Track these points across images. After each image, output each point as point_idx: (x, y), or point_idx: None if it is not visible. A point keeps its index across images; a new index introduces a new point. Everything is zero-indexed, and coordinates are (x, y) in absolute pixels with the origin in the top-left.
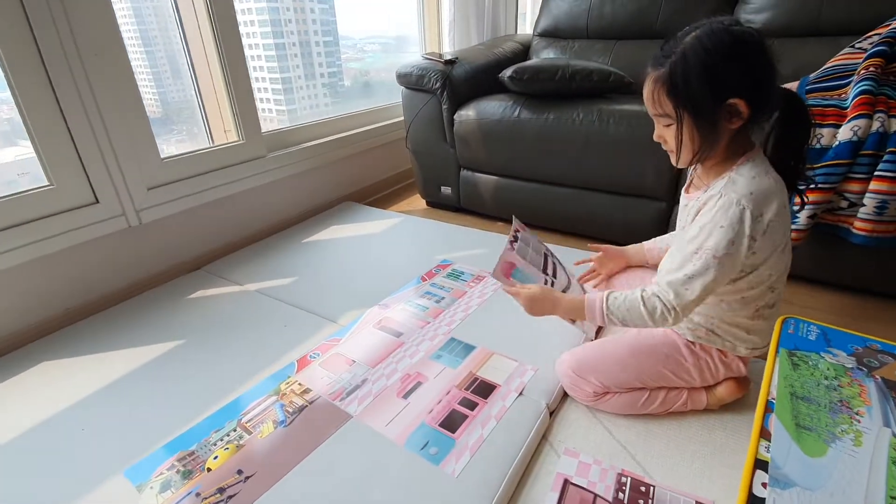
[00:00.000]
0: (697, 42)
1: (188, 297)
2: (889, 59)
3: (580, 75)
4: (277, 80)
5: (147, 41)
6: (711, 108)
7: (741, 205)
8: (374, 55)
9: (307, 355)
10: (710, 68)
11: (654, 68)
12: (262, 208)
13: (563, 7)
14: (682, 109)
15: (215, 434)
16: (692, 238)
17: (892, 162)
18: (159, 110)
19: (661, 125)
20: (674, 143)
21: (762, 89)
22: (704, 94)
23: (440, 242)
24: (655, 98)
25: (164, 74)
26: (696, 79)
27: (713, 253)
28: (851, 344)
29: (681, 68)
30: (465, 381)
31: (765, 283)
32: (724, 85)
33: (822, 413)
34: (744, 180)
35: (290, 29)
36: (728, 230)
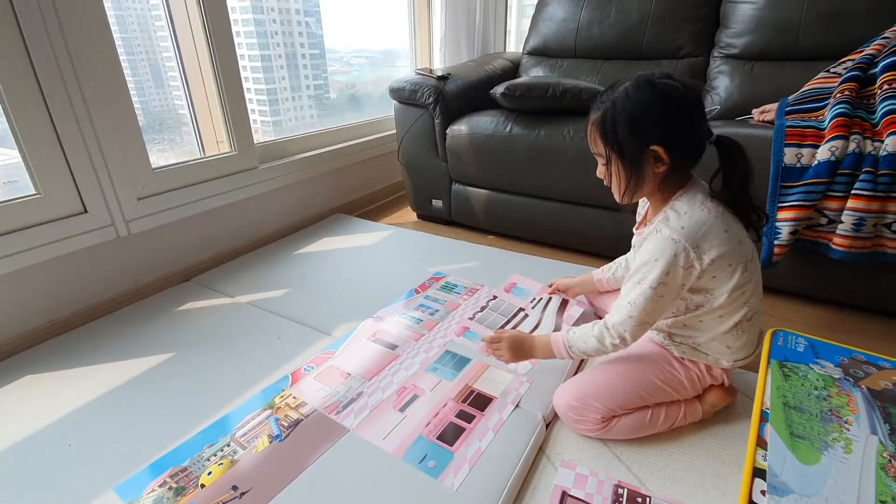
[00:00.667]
0: (625, 93)
1: (178, 309)
2: (862, 84)
3: (570, 93)
4: (263, 92)
5: (131, 50)
6: (635, 153)
7: (674, 240)
8: (361, 69)
9: (301, 368)
10: (632, 118)
11: (593, 112)
12: (254, 219)
13: (552, 27)
14: (611, 151)
15: (209, 449)
16: (636, 270)
17: (867, 181)
18: (146, 121)
19: (599, 163)
20: (608, 180)
21: (682, 138)
22: (628, 140)
23: (433, 255)
24: (592, 138)
25: (146, 84)
26: (620, 125)
27: (650, 284)
28: (838, 355)
29: (610, 115)
30: (461, 394)
31: (737, 300)
32: (644, 133)
33: (814, 422)
34: (676, 216)
35: (277, 41)
36: (662, 264)
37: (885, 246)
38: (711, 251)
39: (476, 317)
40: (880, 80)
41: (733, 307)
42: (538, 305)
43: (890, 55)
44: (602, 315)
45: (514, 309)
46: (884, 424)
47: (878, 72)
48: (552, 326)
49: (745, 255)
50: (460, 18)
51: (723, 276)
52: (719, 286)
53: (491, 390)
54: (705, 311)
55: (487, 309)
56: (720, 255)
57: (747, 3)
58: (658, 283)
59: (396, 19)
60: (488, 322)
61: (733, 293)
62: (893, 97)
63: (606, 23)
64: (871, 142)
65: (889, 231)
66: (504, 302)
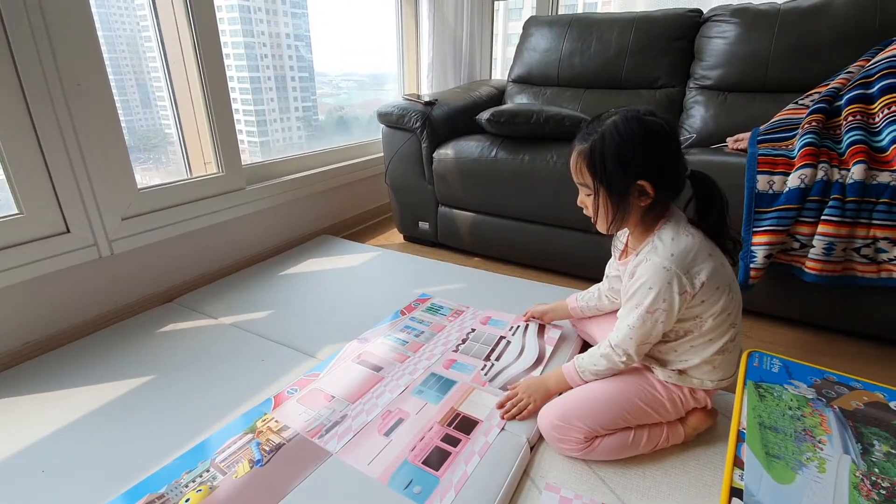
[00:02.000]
0: (614, 127)
1: (159, 331)
2: (828, 116)
3: (553, 120)
4: (251, 113)
5: (119, 70)
6: (622, 187)
7: (666, 268)
8: (350, 91)
9: (284, 391)
10: (621, 153)
11: (579, 142)
12: (239, 240)
13: (535, 56)
14: (599, 184)
15: (187, 475)
16: (632, 295)
17: (835, 207)
18: (133, 141)
19: (583, 193)
20: (592, 211)
21: (666, 174)
22: (617, 174)
23: (418, 276)
24: (578, 169)
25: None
26: (610, 160)
27: (647, 309)
28: (811, 376)
29: (599, 147)
30: (447, 417)
31: (725, 322)
32: (633, 168)
33: (788, 442)
34: (663, 244)
35: (266, 63)
36: (657, 291)
37: (854, 269)
38: (701, 275)
39: (460, 348)
40: (845, 112)
41: (721, 330)
42: (518, 332)
43: (853, 89)
44: (585, 338)
45: (495, 338)
46: (856, 444)
47: (842, 104)
48: (536, 349)
49: (729, 278)
50: (447, 46)
51: (711, 299)
52: (707, 310)
53: (476, 413)
54: (695, 336)
55: (469, 340)
56: (709, 278)
57: (719, 38)
58: (654, 308)
59: (385, 44)
60: (474, 352)
61: (720, 315)
62: (858, 128)
63: (587, 54)
64: (839, 170)
65: (858, 255)
66: (484, 332)
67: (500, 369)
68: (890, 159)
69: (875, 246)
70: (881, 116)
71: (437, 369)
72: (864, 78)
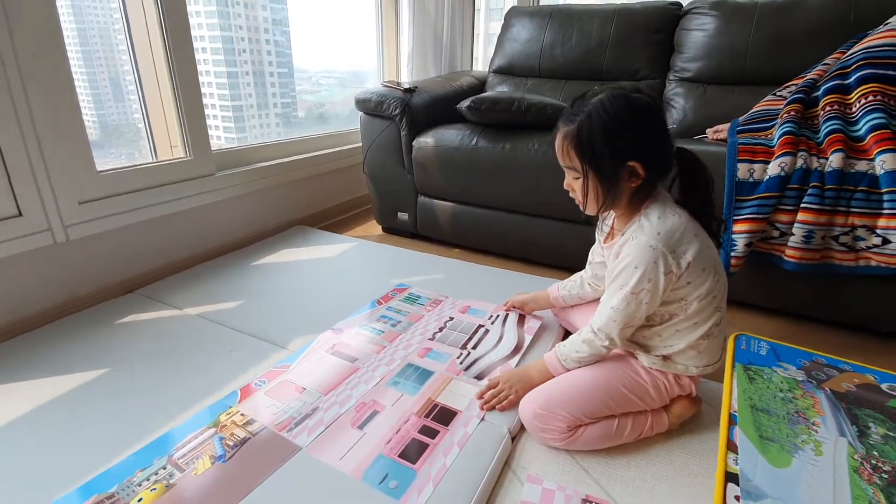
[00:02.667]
0: (601, 105)
1: (119, 322)
2: (806, 106)
3: (535, 108)
4: (228, 108)
5: (83, 42)
6: (612, 168)
7: (652, 246)
8: (330, 88)
9: (252, 383)
10: (610, 132)
11: (564, 124)
12: (208, 229)
13: (516, 47)
14: (588, 166)
15: (141, 473)
16: (616, 276)
17: (814, 195)
18: (97, 130)
19: (570, 176)
20: (580, 194)
21: (656, 153)
22: (606, 155)
23: (396, 267)
24: (565, 151)
25: (102, 84)
26: (598, 140)
27: (631, 290)
28: (799, 358)
29: (586, 128)
30: (424, 408)
31: (710, 305)
32: (622, 148)
33: (781, 424)
34: (650, 223)
35: (245, 58)
36: (643, 271)
37: (833, 258)
38: (687, 254)
39: (437, 336)
40: (823, 102)
41: (706, 314)
42: (497, 321)
43: (831, 79)
44: (567, 327)
45: (473, 326)
46: (851, 426)
47: (820, 95)
48: (515, 339)
49: (715, 260)
50: (428, 36)
51: (697, 280)
52: (692, 292)
53: (455, 403)
54: (680, 320)
55: (447, 329)
56: (695, 258)
57: (699, 30)
58: (639, 288)
59: (365, 40)
60: (451, 340)
61: (706, 298)
62: (835, 118)
63: (568, 45)
64: (817, 158)
65: (836, 243)
66: (462, 321)
67: (476, 358)
68: (867, 148)
69: (853, 234)
70: (858, 106)
71: (412, 359)
72: (842, 69)
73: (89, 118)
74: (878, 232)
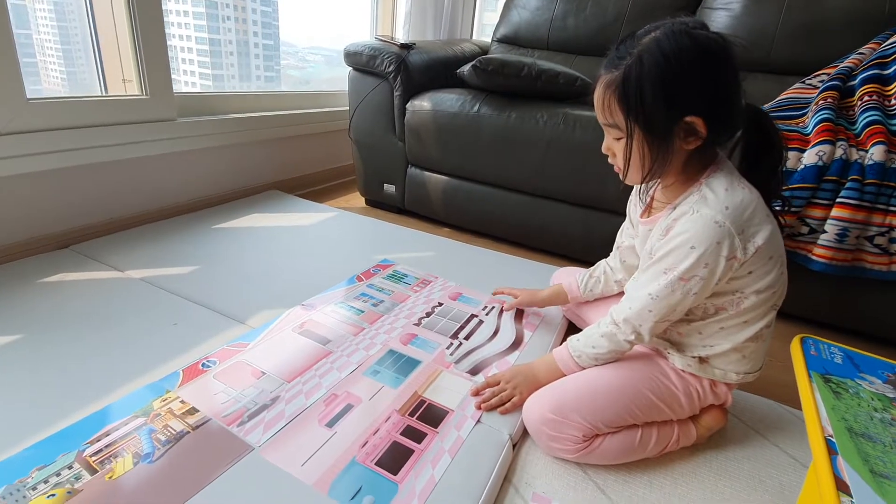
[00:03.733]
0: (656, 45)
1: (42, 280)
2: (842, 94)
3: (547, 75)
4: (208, 77)
5: None
6: (665, 125)
7: (718, 223)
8: (317, 66)
9: (198, 363)
10: (666, 79)
11: (607, 71)
12: (165, 183)
13: (524, 15)
14: (634, 122)
15: (37, 473)
16: (662, 256)
17: (854, 189)
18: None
19: (610, 136)
20: (622, 158)
21: (723, 107)
22: (658, 109)
23: (381, 241)
24: (605, 105)
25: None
26: (649, 89)
27: (680, 275)
28: (881, 370)
29: (635, 74)
30: (408, 405)
31: (768, 301)
32: (680, 100)
33: (891, 455)
34: (715, 196)
35: (228, 26)
36: (700, 252)
37: (864, 260)
38: (756, 238)
39: (423, 322)
40: (860, 92)
41: (761, 311)
42: (492, 312)
43: (869, 68)
44: (576, 322)
45: (465, 315)
46: None
47: (857, 84)
48: (513, 333)
49: (782, 248)
50: (427, 3)
51: (760, 271)
52: (752, 284)
53: (446, 401)
54: (729, 316)
55: (435, 315)
56: (764, 243)
57: (724, 9)
58: (691, 274)
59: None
60: (439, 328)
61: (765, 293)
62: (874, 108)
63: (582, 16)
64: (857, 150)
65: (870, 244)
66: (453, 308)
67: (469, 350)
68: None
69: (889, 235)
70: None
71: (394, 345)
72: (881, 58)
73: (23, 35)
74: None
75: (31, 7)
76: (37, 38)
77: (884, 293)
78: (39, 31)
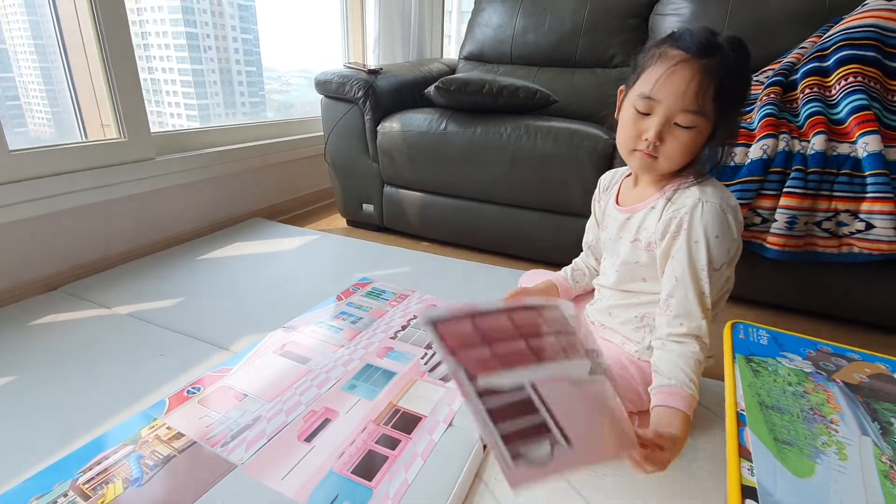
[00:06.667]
0: (738, 44)
1: (34, 323)
2: (785, 89)
3: (507, 91)
4: (193, 107)
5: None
6: (733, 122)
7: (724, 209)
8: (300, 88)
9: (184, 390)
10: (745, 80)
11: (701, 54)
12: (147, 220)
13: (487, 33)
14: (721, 116)
15: (36, 502)
16: (685, 258)
17: (798, 179)
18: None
19: (674, 122)
20: (678, 147)
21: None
22: (740, 110)
23: (360, 260)
24: (700, 91)
25: (21, 46)
26: (740, 86)
27: (714, 265)
28: (803, 347)
29: (735, 70)
30: (383, 415)
31: (725, 285)
32: (743, 101)
33: (796, 424)
34: (713, 187)
35: (210, 56)
36: (724, 239)
37: (815, 244)
38: (741, 227)
39: (399, 335)
40: (802, 85)
41: (722, 293)
42: None
43: (809, 62)
44: None
45: None
46: (872, 423)
47: (798, 77)
48: None
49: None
50: (395, 18)
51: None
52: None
53: (419, 408)
54: None
55: (410, 327)
56: (740, 233)
57: (673, 15)
58: (722, 261)
59: (332, 32)
60: (414, 339)
61: (727, 284)
62: (815, 100)
63: (541, 30)
64: (799, 141)
65: (819, 229)
66: None
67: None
68: (848, 130)
69: (836, 219)
70: (838, 88)
71: (371, 359)
72: (820, 51)
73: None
74: (862, 216)
75: (12, 49)
76: (20, 81)
77: (843, 275)
78: (22, 73)
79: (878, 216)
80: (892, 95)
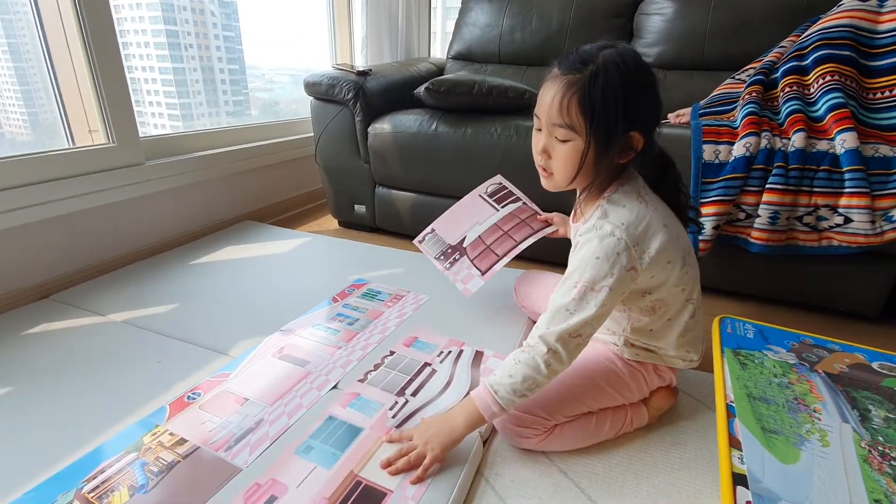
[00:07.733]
0: (619, 58)
1: (27, 333)
2: (766, 87)
3: (496, 91)
4: (175, 107)
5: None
6: (615, 135)
7: (617, 238)
8: (284, 86)
9: (184, 396)
10: (627, 92)
11: (567, 71)
12: (138, 226)
13: (475, 32)
14: (589, 129)
15: None
16: (571, 272)
17: (779, 175)
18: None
19: (551, 136)
20: (562, 162)
21: (655, 127)
22: (615, 118)
23: (354, 262)
24: (564, 104)
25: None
26: (612, 98)
27: (590, 286)
28: (787, 340)
29: (602, 81)
30: (342, 489)
31: (680, 298)
32: (632, 114)
33: (782, 413)
34: (615, 210)
35: (192, 54)
36: (604, 262)
37: (797, 239)
38: (651, 248)
39: (369, 377)
40: (782, 84)
41: (678, 307)
42: (447, 359)
43: (788, 61)
44: (533, 317)
45: (417, 364)
46: (852, 411)
47: (778, 76)
48: (468, 383)
49: (683, 250)
50: (382, 20)
51: (661, 275)
52: (659, 287)
53: (384, 480)
54: (655, 319)
55: (384, 367)
56: (659, 251)
57: (658, 14)
58: (600, 286)
59: (318, 30)
60: (385, 384)
61: (674, 289)
62: (795, 98)
63: (528, 29)
64: (780, 138)
65: (800, 224)
66: (405, 357)
67: (415, 409)
68: (827, 128)
69: (816, 214)
70: (816, 87)
71: (334, 410)
72: (798, 50)
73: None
74: (840, 211)
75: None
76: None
77: (824, 267)
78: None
79: (856, 210)
80: (868, 93)
